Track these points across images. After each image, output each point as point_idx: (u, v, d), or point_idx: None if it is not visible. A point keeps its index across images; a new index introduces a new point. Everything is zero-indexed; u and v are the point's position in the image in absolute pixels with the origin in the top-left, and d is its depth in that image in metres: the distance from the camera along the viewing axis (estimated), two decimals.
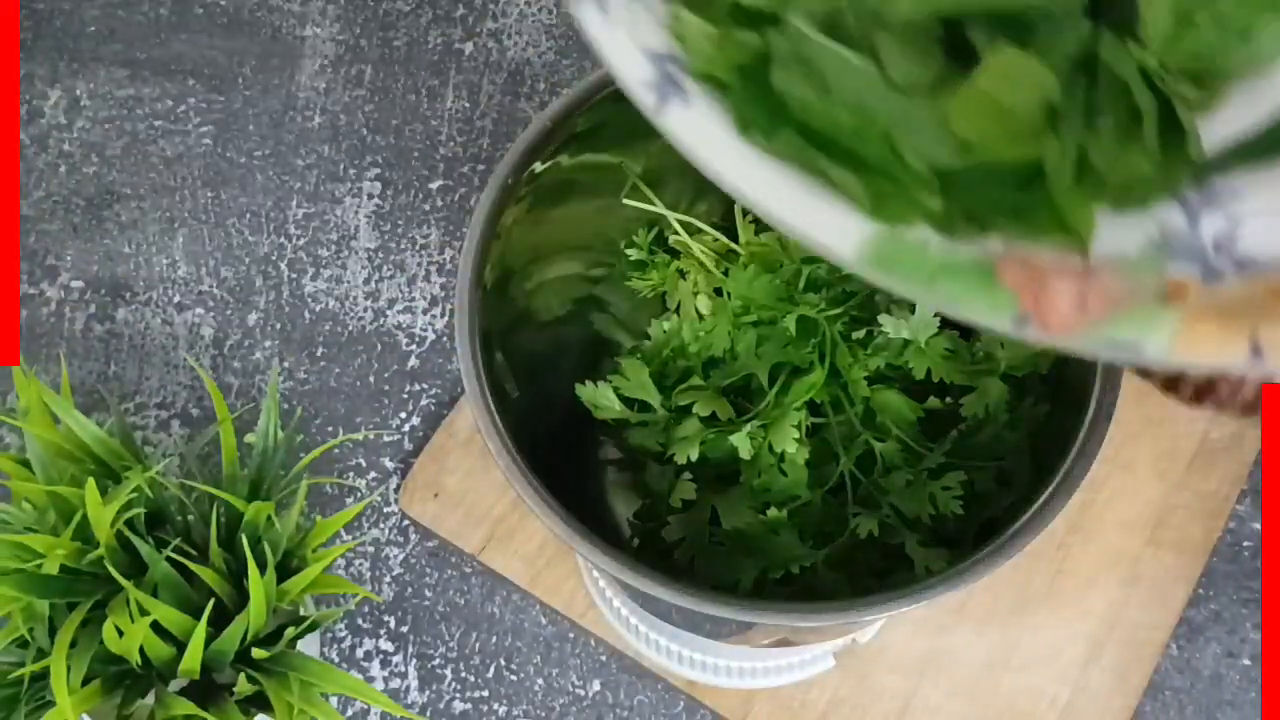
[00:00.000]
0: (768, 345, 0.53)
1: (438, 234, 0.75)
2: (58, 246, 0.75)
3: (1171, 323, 0.27)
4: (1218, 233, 0.28)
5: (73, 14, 0.81)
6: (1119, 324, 0.27)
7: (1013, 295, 0.27)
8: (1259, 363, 0.26)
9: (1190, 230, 0.29)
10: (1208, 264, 0.28)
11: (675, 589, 0.41)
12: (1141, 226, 0.29)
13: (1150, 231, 0.28)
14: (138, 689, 0.53)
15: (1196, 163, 0.28)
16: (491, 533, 0.66)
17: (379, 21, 0.81)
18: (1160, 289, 0.28)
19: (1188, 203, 0.29)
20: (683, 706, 0.65)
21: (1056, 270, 0.28)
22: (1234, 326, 0.27)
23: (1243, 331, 0.27)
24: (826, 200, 0.28)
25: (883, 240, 0.28)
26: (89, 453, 0.56)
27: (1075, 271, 0.28)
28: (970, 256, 0.28)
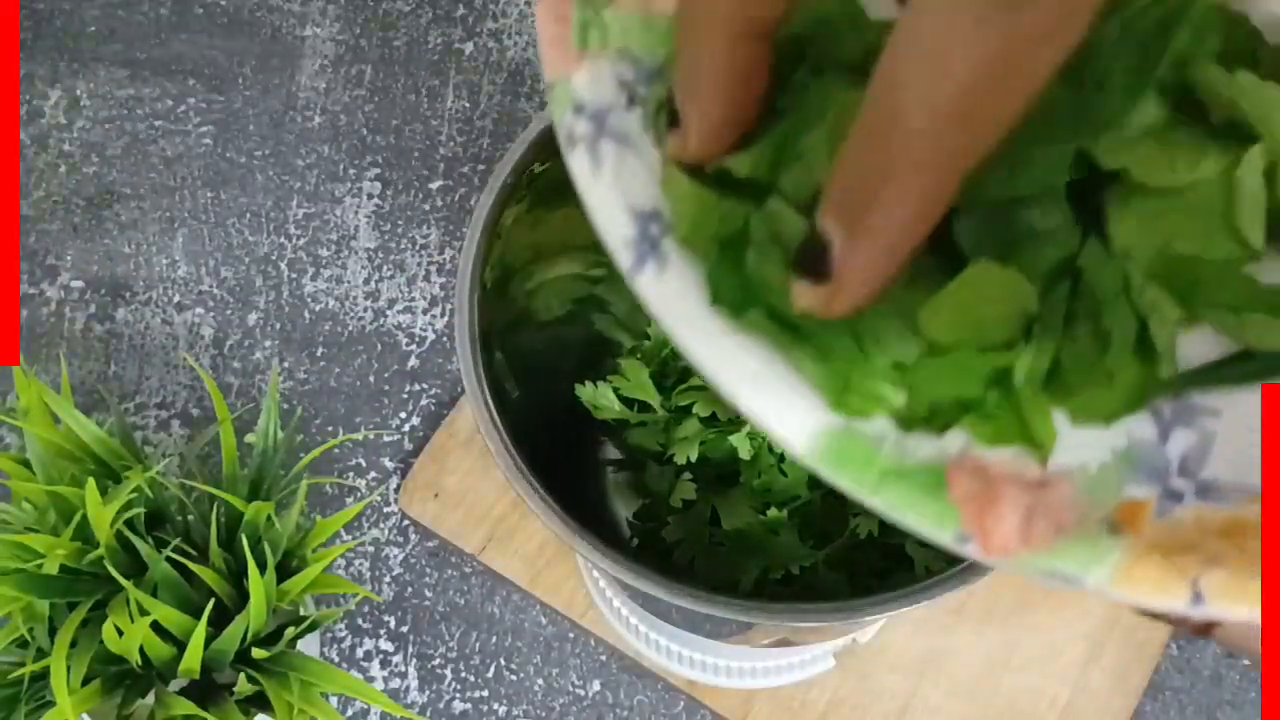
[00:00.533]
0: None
1: (438, 234, 0.75)
2: (58, 246, 0.75)
3: (1115, 559, 0.27)
4: (1187, 450, 0.28)
5: (73, 14, 0.81)
6: (1060, 555, 0.27)
7: (956, 512, 0.27)
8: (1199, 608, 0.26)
9: (1159, 444, 0.28)
10: (1169, 486, 0.28)
11: (675, 589, 0.41)
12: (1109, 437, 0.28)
13: (1116, 443, 0.28)
14: (138, 689, 0.53)
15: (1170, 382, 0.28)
16: (491, 533, 0.66)
17: (379, 21, 0.81)
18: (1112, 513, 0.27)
19: (1161, 415, 0.29)
20: (683, 706, 0.65)
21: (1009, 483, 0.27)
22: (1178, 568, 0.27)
23: (1186, 575, 0.26)
24: (785, 387, 0.28)
25: (835, 437, 0.28)
26: (89, 453, 0.56)
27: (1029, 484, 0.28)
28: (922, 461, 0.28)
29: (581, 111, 0.29)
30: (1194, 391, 0.29)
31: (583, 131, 0.29)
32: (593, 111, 0.29)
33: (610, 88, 0.29)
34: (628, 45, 0.30)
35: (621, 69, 0.30)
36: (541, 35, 0.29)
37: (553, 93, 0.29)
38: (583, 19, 0.30)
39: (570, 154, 0.29)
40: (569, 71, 0.29)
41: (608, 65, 0.30)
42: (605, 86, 0.29)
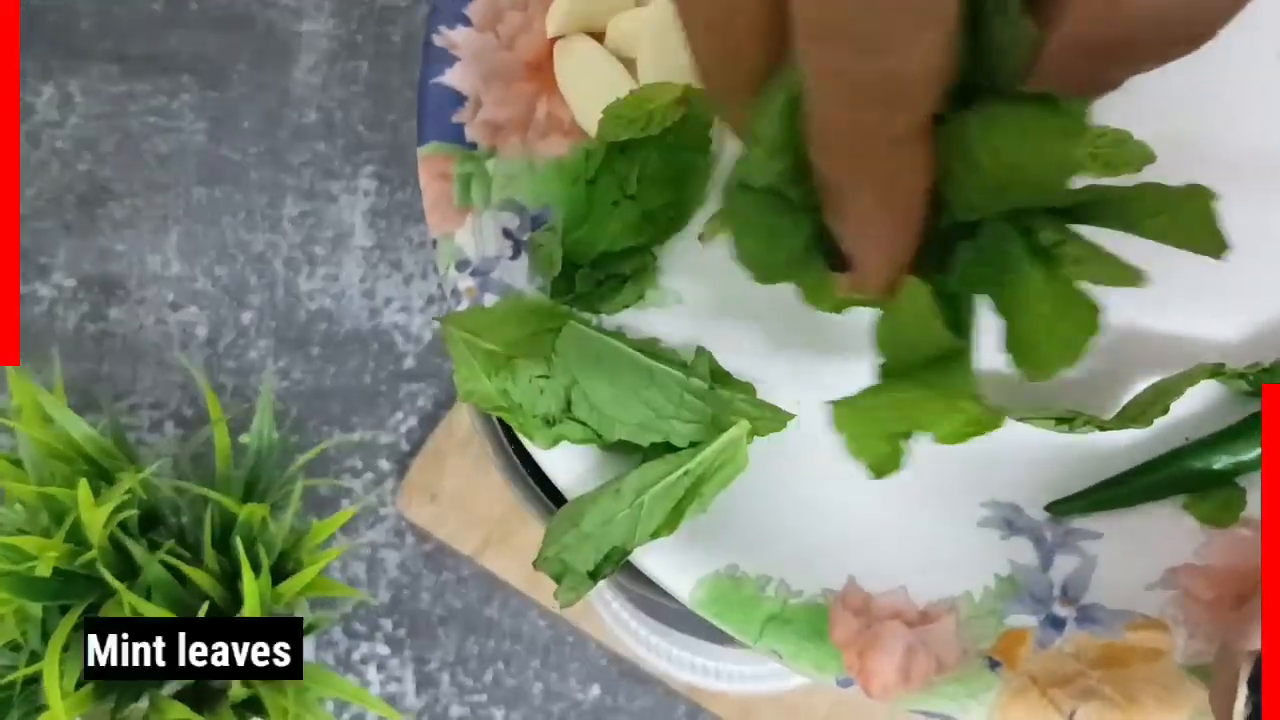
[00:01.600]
0: None
1: None
2: (50, 244, 0.74)
3: (991, 697, 0.27)
4: (1069, 575, 0.29)
5: (66, 10, 0.80)
6: (939, 695, 0.27)
7: (839, 656, 0.28)
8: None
9: (1040, 570, 0.29)
10: (1051, 612, 0.28)
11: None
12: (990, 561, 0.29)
13: (998, 567, 0.29)
14: (131, 693, 0.53)
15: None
16: (489, 535, 0.66)
17: (375, 16, 0.80)
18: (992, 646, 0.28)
19: (1043, 540, 0.29)
20: (683, 711, 0.65)
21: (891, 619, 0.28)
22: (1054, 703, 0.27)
23: (1062, 710, 0.27)
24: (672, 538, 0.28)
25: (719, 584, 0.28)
26: (82, 453, 0.55)
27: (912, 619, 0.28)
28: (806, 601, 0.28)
29: (465, 267, 0.30)
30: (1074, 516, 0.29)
31: (466, 287, 0.30)
32: (476, 266, 0.30)
33: (494, 240, 0.30)
34: (511, 194, 0.30)
35: (505, 218, 0.30)
36: (426, 193, 0.30)
37: (438, 249, 0.30)
38: (464, 173, 0.30)
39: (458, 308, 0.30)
40: (452, 228, 0.30)
41: (490, 218, 0.30)
42: (489, 240, 0.30)
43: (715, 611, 0.28)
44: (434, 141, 0.30)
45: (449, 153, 0.30)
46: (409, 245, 0.74)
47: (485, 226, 0.30)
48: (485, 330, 0.29)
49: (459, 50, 0.30)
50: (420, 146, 0.30)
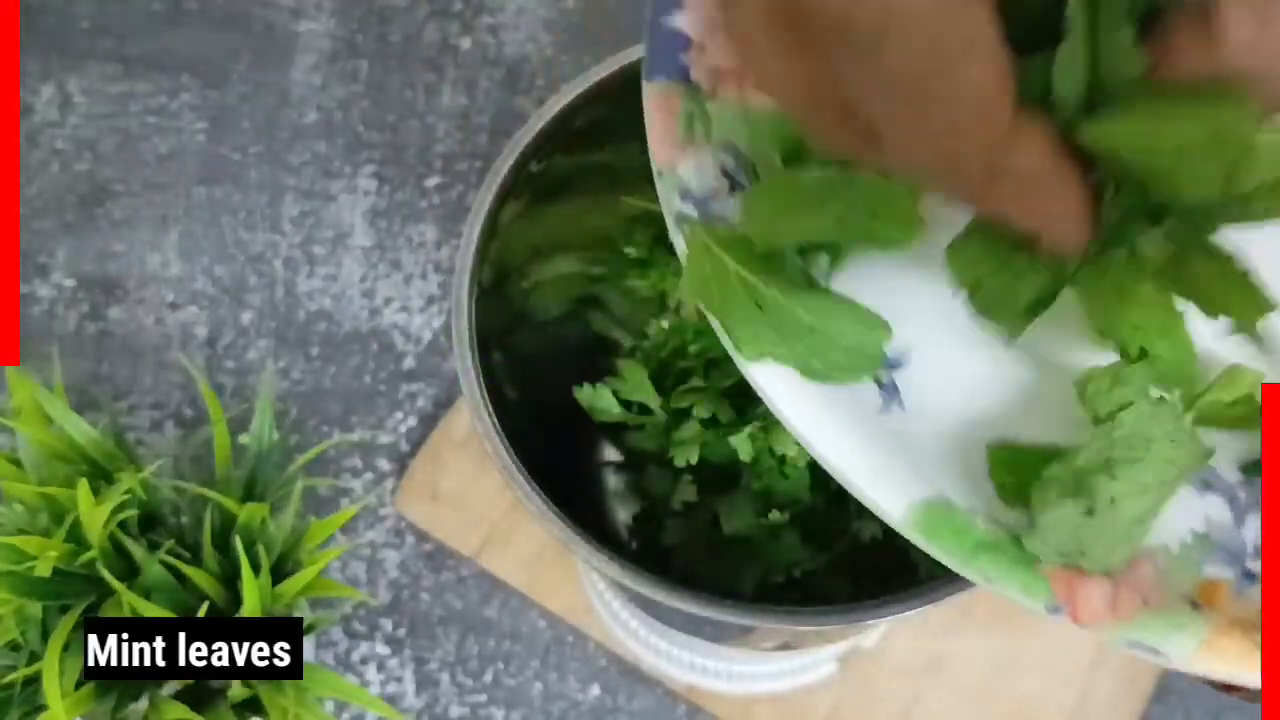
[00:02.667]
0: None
1: (434, 232, 0.74)
2: (50, 244, 0.74)
3: (1197, 633, 0.28)
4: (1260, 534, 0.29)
5: (65, 10, 0.80)
6: (1145, 627, 0.28)
7: (1046, 583, 0.28)
8: None
9: (1234, 527, 0.29)
10: (1245, 567, 0.29)
11: (675, 592, 0.40)
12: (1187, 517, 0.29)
13: (1195, 523, 0.29)
14: (131, 693, 0.53)
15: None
16: (489, 535, 0.66)
17: (375, 16, 0.80)
18: (1193, 592, 0.28)
19: (1237, 500, 0.30)
20: (683, 711, 0.64)
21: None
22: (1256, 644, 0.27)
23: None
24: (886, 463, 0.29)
25: (931, 509, 0.29)
26: (82, 453, 0.55)
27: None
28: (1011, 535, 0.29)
29: (687, 197, 0.31)
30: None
31: (689, 214, 0.31)
32: (697, 197, 0.31)
33: (713, 175, 0.31)
34: (729, 137, 0.32)
35: (724, 158, 0.31)
36: (651, 125, 0.31)
37: (661, 179, 0.31)
38: (688, 111, 0.31)
39: (676, 234, 0.31)
40: (675, 160, 0.31)
41: (710, 155, 0.31)
42: (709, 174, 0.31)
43: (926, 533, 0.29)
44: (661, 78, 0.31)
45: (674, 90, 0.31)
46: (409, 245, 0.74)
47: (705, 162, 0.31)
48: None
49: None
50: (648, 80, 0.31)
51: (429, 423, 0.70)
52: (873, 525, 0.50)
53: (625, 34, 0.78)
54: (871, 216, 0.29)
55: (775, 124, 0.31)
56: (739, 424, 0.51)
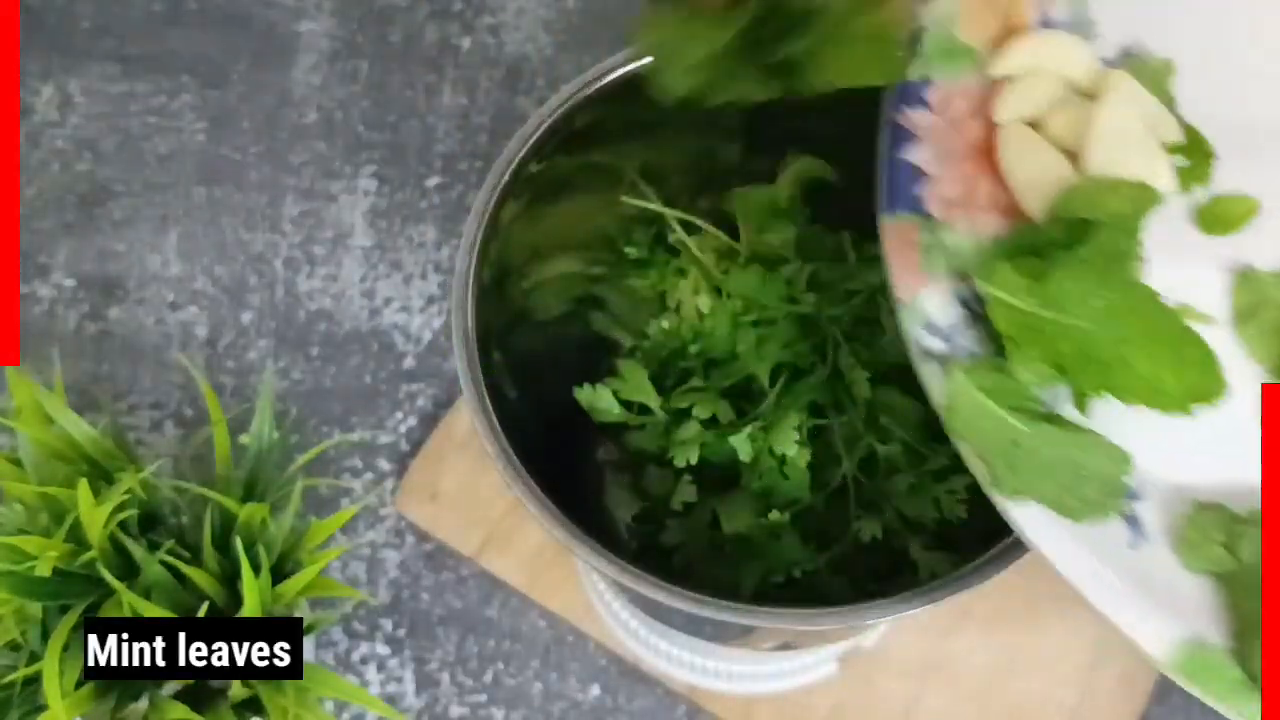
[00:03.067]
0: (768, 345, 0.52)
1: (435, 232, 0.74)
2: (50, 244, 0.74)
3: None
4: None
5: (66, 10, 0.80)
6: None
7: None
8: None
9: None
10: None
11: (675, 592, 0.40)
12: None
13: None
14: (131, 693, 0.53)
15: None
16: (489, 535, 0.66)
17: (375, 16, 0.80)
18: None
19: None
20: (683, 711, 0.64)
21: None
22: None
23: None
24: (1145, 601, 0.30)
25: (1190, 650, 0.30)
26: (82, 453, 0.55)
27: None
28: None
29: (933, 330, 0.32)
30: None
31: (936, 348, 0.32)
32: (944, 331, 0.32)
33: (953, 307, 0.32)
34: (964, 266, 0.33)
35: (960, 288, 0.33)
36: (891, 258, 0.33)
37: (903, 310, 0.32)
38: (926, 243, 0.33)
39: (923, 367, 0.32)
40: (918, 292, 0.32)
41: (948, 285, 0.32)
42: (950, 306, 0.32)
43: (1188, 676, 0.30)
44: (899, 211, 0.33)
45: (913, 222, 0.33)
46: (409, 245, 0.74)
47: (946, 293, 0.33)
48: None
49: (919, 130, 0.33)
50: (886, 215, 0.33)
51: (429, 423, 0.70)
52: (872, 525, 0.50)
53: (625, 35, 0.78)
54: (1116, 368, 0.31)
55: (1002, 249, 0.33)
56: (739, 424, 0.51)
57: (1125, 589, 0.30)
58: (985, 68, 0.36)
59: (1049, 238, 0.32)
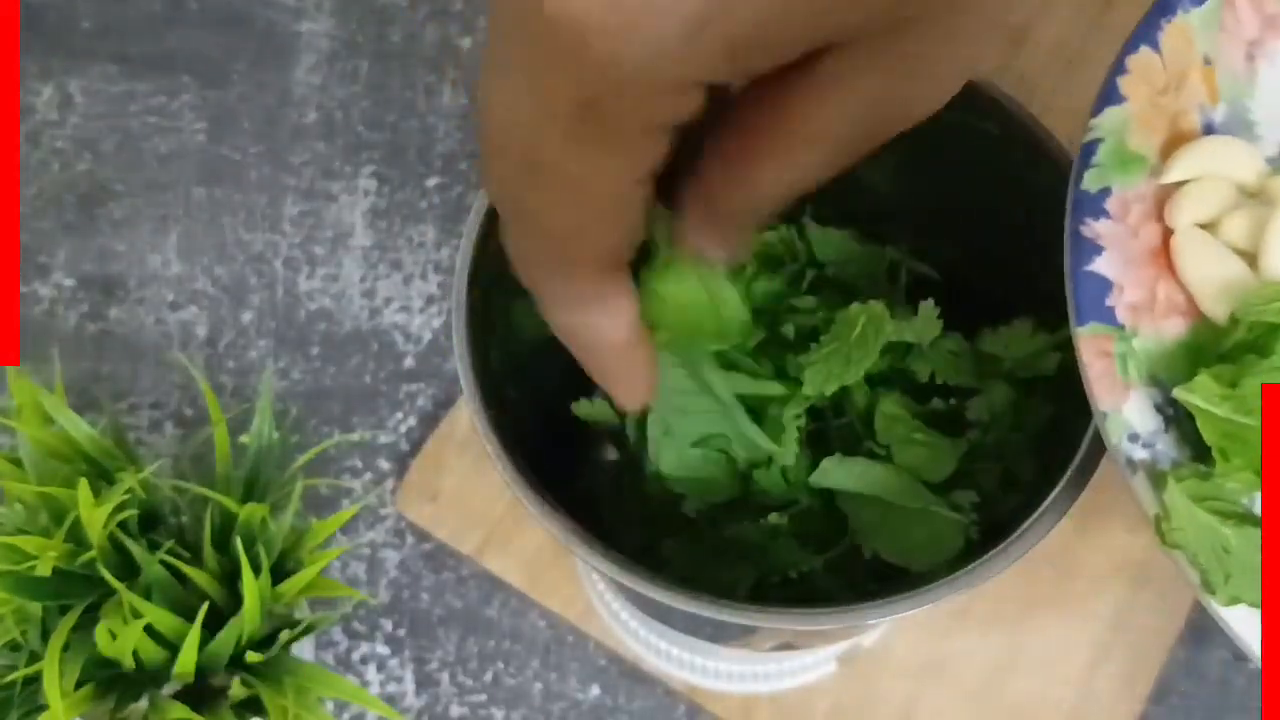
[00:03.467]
0: (767, 348, 0.52)
1: (435, 232, 0.75)
2: (50, 244, 0.74)
3: None
4: None
5: (65, 9, 0.80)
6: None
7: None
8: None
9: None
10: None
11: (675, 593, 0.40)
12: None
13: None
14: (131, 693, 0.53)
15: None
16: (489, 535, 0.66)
17: (375, 16, 0.80)
18: None
19: None
20: (683, 711, 0.64)
21: None
22: None
23: None
24: None
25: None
26: (82, 453, 0.55)
27: None
28: None
29: (1135, 440, 0.33)
30: None
31: (1141, 458, 0.33)
32: (1145, 439, 0.33)
33: (1151, 414, 0.33)
34: (1154, 371, 0.34)
35: (1153, 393, 0.33)
36: (1089, 370, 0.33)
37: (1107, 421, 0.33)
38: (1121, 352, 0.33)
39: (1132, 478, 0.32)
40: (1119, 402, 0.33)
41: (1144, 392, 0.33)
42: (1148, 413, 0.33)
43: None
44: (1092, 323, 0.33)
45: (1106, 332, 0.33)
46: (409, 245, 0.74)
47: (1144, 401, 0.33)
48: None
49: (1102, 240, 0.34)
50: (1080, 327, 0.33)
51: (429, 423, 0.70)
52: None
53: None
54: None
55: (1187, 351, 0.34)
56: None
57: None
58: (1158, 175, 0.37)
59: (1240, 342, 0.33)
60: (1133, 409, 0.33)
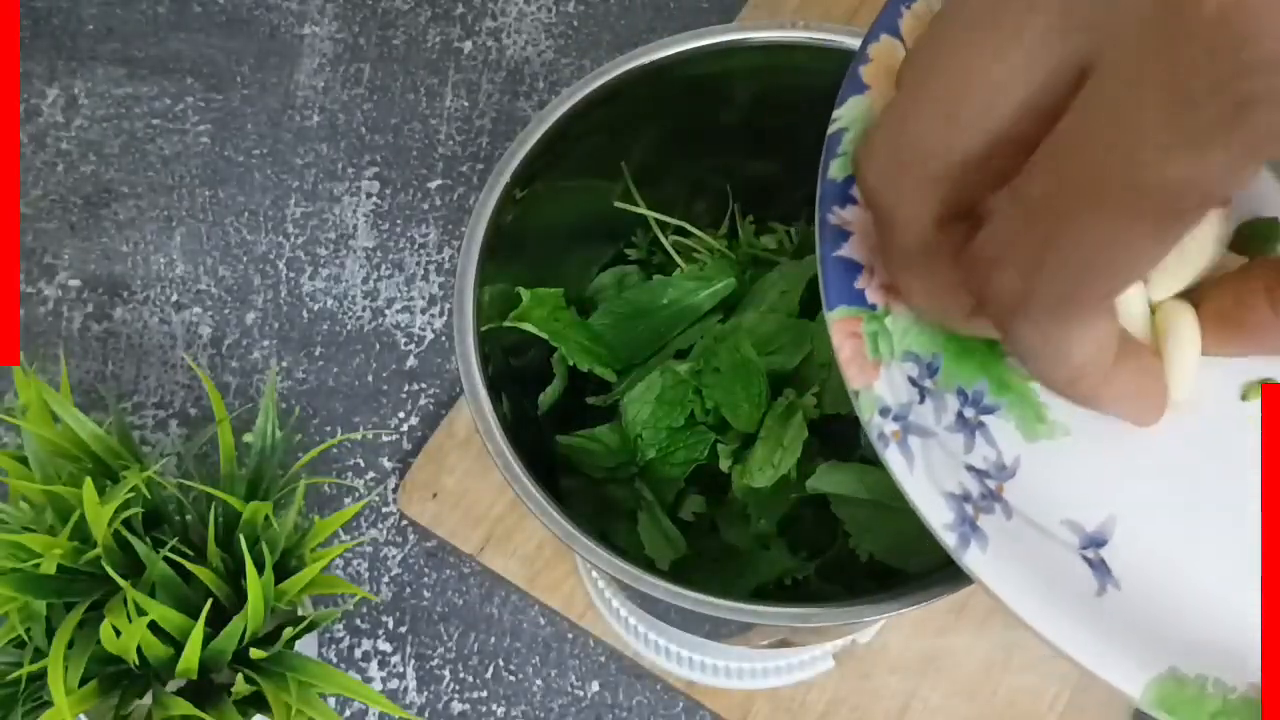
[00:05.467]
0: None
1: (436, 233, 0.75)
2: (55, 245, 0.75)
3: None
4: None
5: (71, 12, 0.80)
6: None
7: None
8: None
9: None
10: None
11: (674, 590, 0.41)
12: None
13: None
14: (135, 689, 0.53)
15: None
16: (490, 533, 0.66)
17: (378, 20, 0.80)
18: None
19: None
20: (682, 707, 0.65)
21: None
22: None
23: None
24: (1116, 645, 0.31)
25: (1164, 685, 0.30)
26: (87, 452, 0.56)
27: None
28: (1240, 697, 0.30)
29: (887, 414, 0.33)
30: None
31: (891, 430, 0.33)
32: (896, 412, 0.33)
33: (904, 388, 0.34)
34: (909, 347, 0.34)
35: (908, 368, 0.34)
36: (840, 351, 0.34)
37: (858, 399, 0.33)
38: (871, 331, 0.34)
39: (884, 451, 0.33)
40: (870, 379, 0.33)
41: (897, 368, 0.34)
42: (900, 388, 0.33)
43: (1167, 710, 0.30)
44: (842, 306, 0.34)
45: (856, 314, 0.34)
46: (411, 246, 0.75)
47: (895, 376, 0.33)
48: None
49: (850, 226, 0.34)
50: (830, 311, 0.34)
51: (431, 422, 0.71)
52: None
53: (625, 37, 0.79)
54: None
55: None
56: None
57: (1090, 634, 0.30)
58: None
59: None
60: (884, 385, 0.33)
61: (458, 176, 0.76)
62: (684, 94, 0.48)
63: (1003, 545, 0.31)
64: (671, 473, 0.51)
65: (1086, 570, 0.31)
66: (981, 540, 0.31)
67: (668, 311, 0.54)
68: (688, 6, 0.79)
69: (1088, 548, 0.31)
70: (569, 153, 0.48)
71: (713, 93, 0.48)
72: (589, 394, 0.54)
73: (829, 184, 0.34)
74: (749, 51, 0.46)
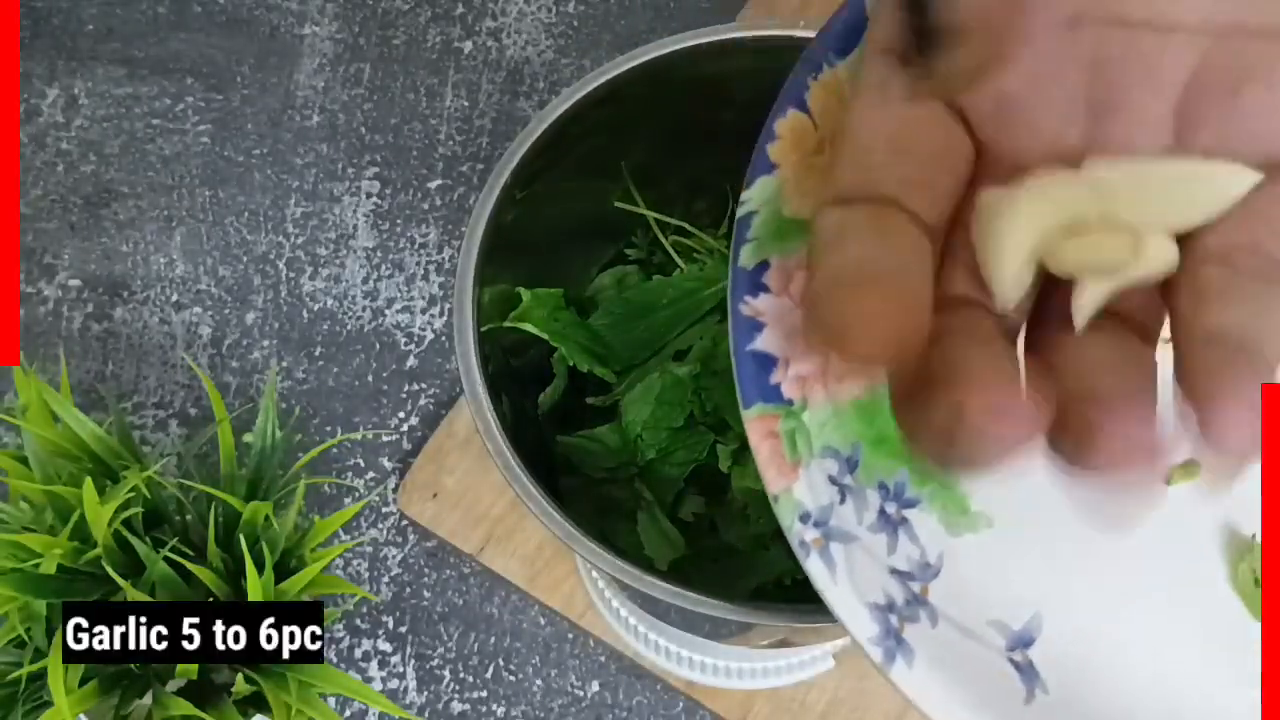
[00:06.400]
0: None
1: (436, 233, 0.75)
2: (55, 245, 0.75)
3: None
4: None
5: (71, 12, 0.80)
6: None
7: None
8: None
9: None
10: None
11: (674, 590, 0.41)
12: None
13: None
14: (135, 689, 0.53)
15: None
16: (490, 533, 0.66)
17: (378, 20, 0.80)
18: None
19: None
20: (681, 707, 0.65)
21: None
22: None
23: None
24: None
25: None
26: (87, 451, 0.56)
27: None
28: None
29: (807, 520, 0.31)
30: None
31: (812, 538, 0.31)
32: (816, 517, 0.31)
33: (825, 489, 0.32)
34: (828, 442, 0.32)
35: (828, 465, 0.32)
36: (758, 452, 0.31)
37: (778, 504, 0.31)
38: (788, 429, 0.32)
39: (805, 560, 0.31)
40: (789, 482, 0.31)
41: (817, 467, 0.32)
42: (820, 488, 0.31)
43: None
44: (758, 404, 0.31)
45: (772, 411, 0.31)
46: (411, 246, 0.75)
47: (815, 476, 0.31)
48: None
49: (763, 316, 0.32)
50: (746, 409, 0.31)
51: (431, 422, 0.71)
52: None
53: (625, 38, 0.79)
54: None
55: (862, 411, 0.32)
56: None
57: None
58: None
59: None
60: (803, 487, 0.31)
61: (458, 176, 0.76)
62: (684, 94, 0.48)
63: (929, 656, 0.30)
64: (671, 473, 0.51)
65: (1014, 675, 0.30)
66: (907, 654, 0.30)
67: (668, 312, 0.54)
68: (688, 6, 0.79)
69: (1015, 649, 0.30)
70: (569, 153, 0.48)
71: (713, 93, 0.48)
72: (589, 394, 0.54)
73: (739, 271, 0.32)
74: (749, 51, 0.46)
